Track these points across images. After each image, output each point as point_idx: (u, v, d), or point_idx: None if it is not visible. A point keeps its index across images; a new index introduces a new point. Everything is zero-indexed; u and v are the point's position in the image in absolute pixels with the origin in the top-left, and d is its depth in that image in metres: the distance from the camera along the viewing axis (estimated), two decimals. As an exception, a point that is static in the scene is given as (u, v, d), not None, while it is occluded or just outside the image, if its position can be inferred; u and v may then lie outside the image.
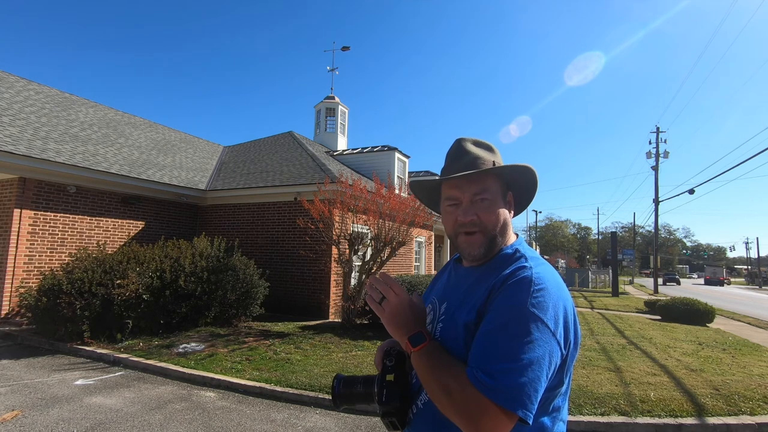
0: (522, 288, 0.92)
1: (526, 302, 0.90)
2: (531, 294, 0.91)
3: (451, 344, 0.99)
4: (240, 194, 11.21)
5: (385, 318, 1.04)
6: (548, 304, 0.91)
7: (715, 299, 20.97)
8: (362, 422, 4.20)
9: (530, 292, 0.91)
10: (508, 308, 0.91)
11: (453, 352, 0.97)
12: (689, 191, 22.04)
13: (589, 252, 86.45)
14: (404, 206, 8.56)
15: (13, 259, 7.84)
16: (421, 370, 0.95)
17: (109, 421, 4.01)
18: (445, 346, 1.00)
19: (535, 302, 0.90)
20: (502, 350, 0.86)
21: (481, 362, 0.87)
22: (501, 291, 0.95)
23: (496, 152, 1.15)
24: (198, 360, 5.86)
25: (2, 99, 9.64)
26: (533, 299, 0.90)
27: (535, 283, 0.93)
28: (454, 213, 1.09)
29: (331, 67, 18.74)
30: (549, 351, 0.88)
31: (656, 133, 30.69)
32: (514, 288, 0.93)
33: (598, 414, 4.23)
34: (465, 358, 0.94)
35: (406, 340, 0.99)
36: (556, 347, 0.90)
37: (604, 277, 34.54)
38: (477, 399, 0.83)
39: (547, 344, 0.88)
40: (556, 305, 0.92)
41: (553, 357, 0.89)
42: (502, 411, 0.81)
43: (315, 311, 9.65)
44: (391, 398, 1.01)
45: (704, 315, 11.42)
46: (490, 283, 0.99)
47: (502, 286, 0.95)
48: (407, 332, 1.00)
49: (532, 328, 0.87)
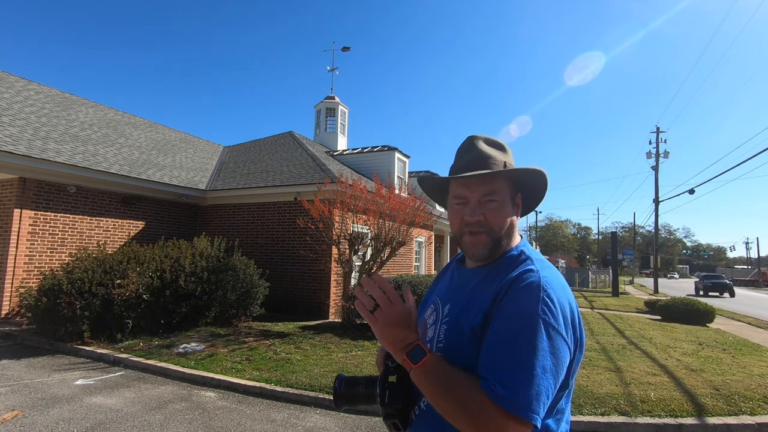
0: (531, 293, 0.92)
1: (536, 308, 0.89)
2: (540, 299, 0.90)
3: (456, 347, 0.98)
4: (240, 194, 11.22)
5: (378, 329, 0.96)
6: (557, 308, 0.91)
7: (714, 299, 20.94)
8: (362, 422, 4.19)
9: (540, 298, 0.91)
10: (518, 315, 0.90)
11: (457, 355, 0.96)
12: (689, 191, 22.06)
13: (589, 252, 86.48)
14: (404, 206, 8.56)
15: (13, 259, 7.85)
16: (427, 387, 0.90)
17: (109, 421, 4.01)
18: (449, 349, 0.99)
19: (545, 308, 0.90)
20: (517, 360, 0.85)
21: (496, 373, 0.86)
22: (509, 295, 0.93)
23: (508, 152, 1.13)
24: (198, 360, 5.86)
25: (2, 99, 9.64)
26: (543, 305, 0.90)
27: (543, 288, 0.92)
28: (461, 212, 1.08)
29: (331, 67, 18.77)
30: (561, 356, 0.88)
31: (656, 133, 30.71)
32: (523, 293, 0.92)
33: (598, 414, 4.23)
34: (470, 361, 0.93)
35: (404, 356, 0.94)
36: (567, 351, 0.90)
37: (604, 277, 34.55)
38: (497, 412, 0.82)
39: (558, 350, 0.88)
40: (563, 309, 0.93)
41: (564, 361, 0.89)
42: (520, 421, 0.82)
43: (315, 311, 9.65)
44: (394, 399, 1.00)
45: (704, 315, 11.42)
46: (496, 286, 0.98)
47: (510, 289, 0.94)
48: (404, 347, 0.94)
49: (544, 336, 0.87)
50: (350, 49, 18.72)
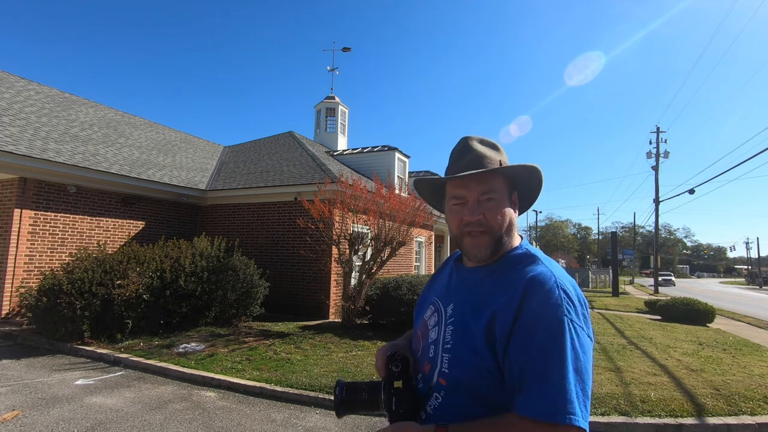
0: (552, 294, 0.91)
1: (561, 309, 0.90)
2: (563, 299, 0.91)
3: (464, 348, 0.97)
4: (240, 194, 11.21)
5: None
6: (577, 306, 0.92)
7: (715, 299, 20.96)
8: (363, 422, 4.19)
9: (561, 298, 0.91)
10: (545, 319, 0.89)
11: (466, 356, 0.96)
12: (689, 191, 22.02)
13: (590, 252, 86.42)
14: (404, 206, 8.56)
15: (14, 259, 7.85)
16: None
17: (109, 421, 4.01)
18: (458, 350, 0.98)
19: (568, 307, 0.90)
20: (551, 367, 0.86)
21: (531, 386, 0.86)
22: (529, 299, 0.92)
23: (502, 151, 1.14)
24: (198, 360, 5.86)
25: (2, 99, 9.64)
26: (566, 304, 0.91)
27: (561, 288, 0.93)
28: (459, 212, 1.07)
29: (331, 67, 18.75)
30: (588, 352, 0.90)
31: (656, 133, 30.68)
32: (544, 295, 0.92)
33: (598, 414, 4.23)
34: (478, 362, 0.93)
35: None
36: (590, 344, 0.92)
37: (605, 277, 34.55)
38: (532, 425, 0.83)
39: (585, 346, 0.89)
40: (581, 304, 0.94)
41: (591, 355, 0.91)
42: (560, 428, 0.82)
43: (315, 311, 9.65)
44: (401, 405, 0.99)
45: (704, 315, 11.42)
46: (509, 288, 0.97)
47: (528, 292, 0.93)
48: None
49: (572, 335, 0.88)
50: (351, 50, 18.70)
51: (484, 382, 0.93)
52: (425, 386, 1.03)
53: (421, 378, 1.07)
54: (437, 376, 1.00)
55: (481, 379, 0.93)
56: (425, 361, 1.07)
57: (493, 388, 0.92)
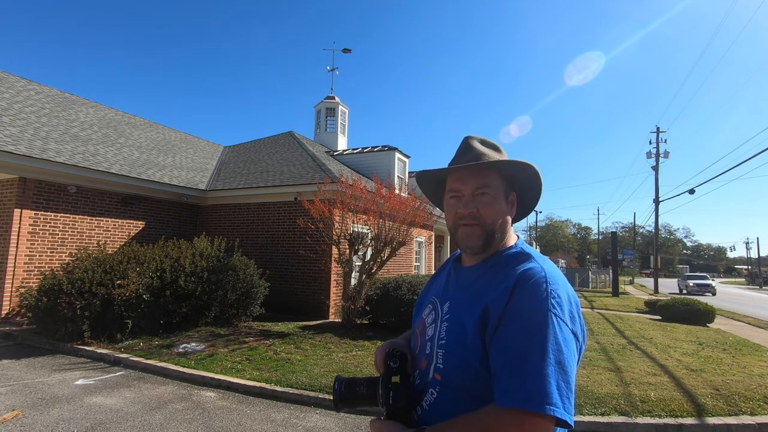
0: (539, 288, 0.92)
1: (546, 304, 0.90)
2: (549, 293, 0.92)
3: (458, 344, 0.99)
4: (240, 194, 11.22)
5: None
6: (564, 303, 0.93)
7: (714, 299, 20.95)
8: (363, 422, 4.20)
9: (548, 292, 0.92)
10: (529, 312, 0.90)
11: (460, 352, 0.97)
12: (689, 191, 22.01)
13: (590, 252, 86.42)
14: (404, 206, 8.56)
15: (14, 259, 7.85)
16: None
17: (109, 421, 4.01)
18: (452, 346, 0.99)
19: (554, 302, 0.91)
20: (531, 358, 0.86)
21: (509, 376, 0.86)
22: (517, 293, 0.93)
23: (503, 152, 1.16)
24: (198, 360, 5.86)
25: (2, 99, 9.64)
26: (552, 299, 0.91)
27: (550, 283, 0.94)
28: (455, 205, 1.11)
29: (331, 67, 18.76)
30: (571, 346, 0.90)
31: (656, 133, 30.68)
32: (531, 289, 0.93)
33: (598, 414, 4.23)
34: (470, 358, 0.94)
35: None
36: (574, 341, 0.92)
37: (605, 277, 34.55)
38: (511, 415, 0.83)
39: (568, 341, 0.89)
40: (569, 302, 0.95)
41: (574, 351, 0.91)
42: (539, 416, 0.82)
43: (315, 311, 9.65)
44: (398, 400, 1.01)
45: (704, 315, 11.42)
46: (501, 282, 0.98)
47: (517, 286, 0.94)
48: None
49: (556, 330, 0.88)
50: (351, 51, 18.70)
51: (477, 376, 0.94)
52: (422, 382, 1.05)
53: (418, 374, 1.08)
54: (432, 371, 1.02)
55: (474, 373, 0.94)
56: (422, 357, 1.09)
57: (485, 382, 0.93)
